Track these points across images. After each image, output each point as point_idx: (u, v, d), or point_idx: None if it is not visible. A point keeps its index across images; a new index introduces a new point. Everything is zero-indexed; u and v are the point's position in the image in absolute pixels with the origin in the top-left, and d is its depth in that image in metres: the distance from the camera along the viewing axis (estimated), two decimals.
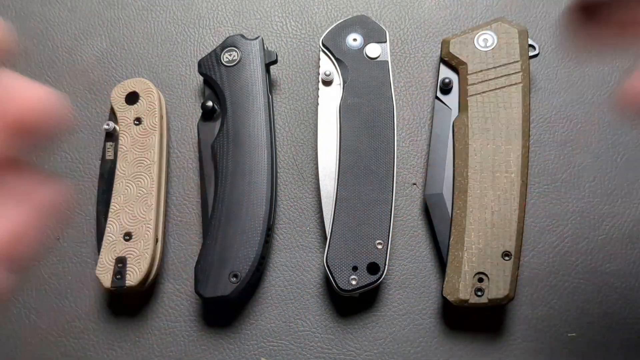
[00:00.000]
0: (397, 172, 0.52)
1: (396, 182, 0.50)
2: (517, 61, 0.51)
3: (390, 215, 0.48)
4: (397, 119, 0.53)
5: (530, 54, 0.52)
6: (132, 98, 0.53)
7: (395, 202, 0.51)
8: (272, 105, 0.54)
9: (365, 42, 0.53)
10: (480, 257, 0.46)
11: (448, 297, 0.46)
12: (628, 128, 0.54)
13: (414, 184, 0.53)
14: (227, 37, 0.55)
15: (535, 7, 0.59)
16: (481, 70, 0.51)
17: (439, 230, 0.49)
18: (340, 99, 0.52)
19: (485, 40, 0.52)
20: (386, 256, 0.47)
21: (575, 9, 0.35)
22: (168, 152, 0.54)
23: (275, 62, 0.55)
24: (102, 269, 0.48)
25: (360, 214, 0.48)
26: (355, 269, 0.46)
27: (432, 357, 0.48)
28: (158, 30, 0.60)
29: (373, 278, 0.46)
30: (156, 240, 0.49)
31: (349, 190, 0.48)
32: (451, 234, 0.48)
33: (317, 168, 0.51)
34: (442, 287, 0.46)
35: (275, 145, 0.53)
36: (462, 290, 0.46)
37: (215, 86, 0.53)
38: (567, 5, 0.35)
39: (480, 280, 0.46)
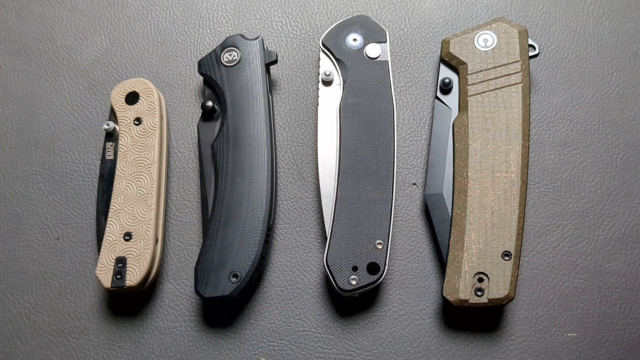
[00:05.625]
0: (397, 172, 0.52)
1: (396, 182, 0.50)
2: (517, 61, 0.51)
3: (390, 215, 0.48)
4: (397, 119, 0.53)
5: (530, 54, 0.52)
6: (132, 98, 0.53)
7: (395, 202, 0.51)
8: (272, 105, 0.54)
9: (365, 42, 0.53)
10: (480, 257, 0.46)
11: (448, 297, 0.46)
12: (628, 128, 0.54)
13: (414, 184, 0.53)
14: (227, 37, 0.55)
15: (535, 7, 0.59)
16: (481, 70, 0.51)
17: (439, 230, 0.49)
18: (340, 99, 0.52)
19: (485, 40, 0.52)
20: (386, 256, 0.47)
21: None
22: (168, 152, 0.54)
23: (275, 62, 0.55)
24: (102, 269, 0.48)
25: (360, 214, 0.48)
26: (355, 269, 0.46)
27: (432, 357, 0.48)
28: (158, 30, 0.60)
29: (373, 278, 0.46)
30: (156, 240, 0.49)
31: (349, 190, 0.48)
32: (451, 234, 0.48)
33: (317, 168, 0.51)
34: (442, 287, 0.46)
35: (275, 145, 0.53)
36: (462, 290, 0.46)
37: (215, 86, 0.53)
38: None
39: (480, 280, 0.46)
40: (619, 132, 0.54)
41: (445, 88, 0.52)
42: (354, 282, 0.46)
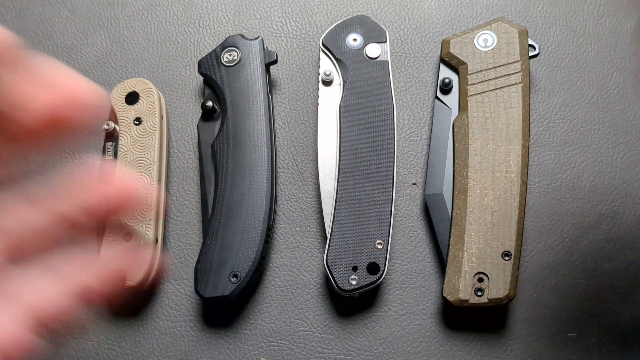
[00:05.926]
0: (397, 172, 0.52)
1: (396, 182, 0.50)
2: (517, 61, 0.51)
3: (390, 215, 0.48)
4: (397, 119, 0.53)
5: (530, 54, 0.52)
6: (132, 98, 0.53)
7: (395, 202, 0.51)
8: (272, 105, 0.54)
9: (365, 42, 0.53)
10: (480, 257, 0.46)
11: (448, 297, 0.46)
12: (628, 128, 0.54)
13: (414, 184, 0.53)
14: (227, 37, 0.55)
15: (535, 7, 0.59)
16: (481, 70, 0.51)
17: (439, 230, 0.49)
18: (340, 99, 0.52)
19: (485, 40, 0.52)
20: (386, 256, 0.47)
21: None
22: (168, 152, 0.54)
23: (275, 62, 0.55)
24: None
25: (360, 214, 0.48)
26: (355, 269, 0.46)
27: (432, 357, 0.48)
28: (158, 30, 0.60)
29: (373, 278, 0.46)
30: (156, 240, 0.49)
31: (349, 190, 0.48)
32: (451, 234, 0.48)
33: (317, 168, 0.51)
34: (442, 287, 0.46)
35: (275, 145, 0.53)
36: (462, 290, 0.46)
37: (215, 86, 0.53)
38: None
39: (480, 280, 0.46)
40: (619, 132, 0.54)
41: (445, 88, 0.52)
42: (354, 282, 0.46)
